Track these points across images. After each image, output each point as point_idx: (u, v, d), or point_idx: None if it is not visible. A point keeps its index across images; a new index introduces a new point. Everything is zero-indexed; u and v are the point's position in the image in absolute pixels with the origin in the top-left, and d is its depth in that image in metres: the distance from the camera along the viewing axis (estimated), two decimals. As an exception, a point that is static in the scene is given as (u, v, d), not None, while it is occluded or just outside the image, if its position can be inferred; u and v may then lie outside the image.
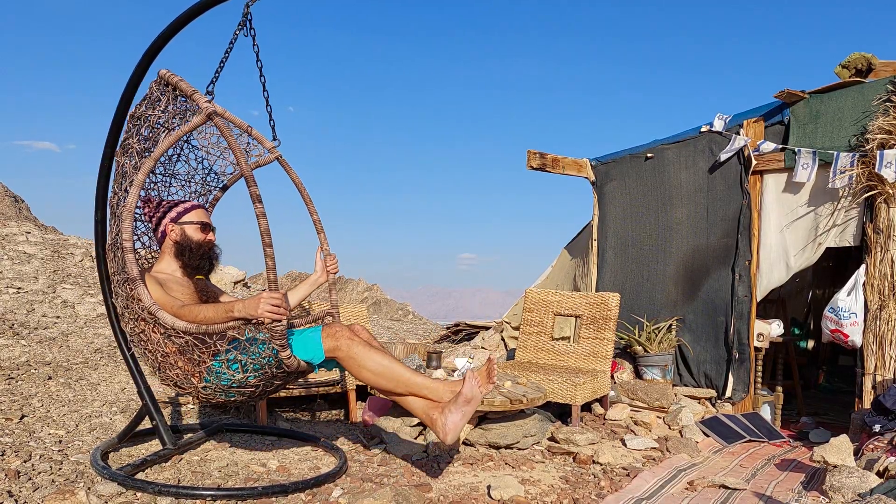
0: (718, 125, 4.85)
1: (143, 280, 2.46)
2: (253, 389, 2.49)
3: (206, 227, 2.79)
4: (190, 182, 3.04)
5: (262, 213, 2.20)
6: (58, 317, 5.37)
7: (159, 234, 2.74)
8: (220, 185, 3.14)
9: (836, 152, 4.19)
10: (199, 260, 2.74)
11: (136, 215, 2.85)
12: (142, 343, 2.53)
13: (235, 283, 8.16)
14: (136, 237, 2.86)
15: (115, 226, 2.56)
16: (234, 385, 2.44)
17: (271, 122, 2.92)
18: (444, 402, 2.47)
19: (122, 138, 2.69)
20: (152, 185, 2.90)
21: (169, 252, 2.73)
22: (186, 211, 2.76)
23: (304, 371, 2.52)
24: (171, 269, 2.72)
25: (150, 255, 2.97)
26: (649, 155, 5.22)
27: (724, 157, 4.73)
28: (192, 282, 2.75)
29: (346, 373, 3.77)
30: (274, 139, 2.97)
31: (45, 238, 8.13)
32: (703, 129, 4.94)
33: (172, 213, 2.73)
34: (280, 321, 2.25)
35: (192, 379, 2.46)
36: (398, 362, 2.53)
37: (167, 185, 2.96)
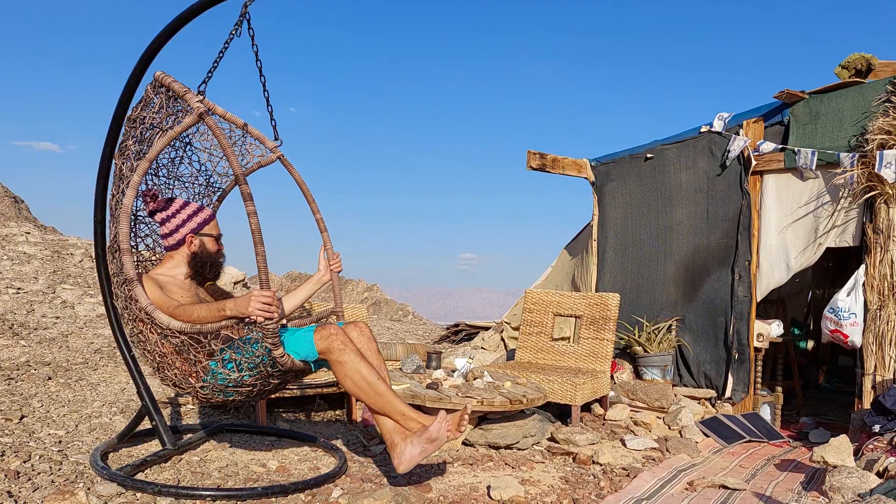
0: (718, 125, 4.85)
1: (140, 281, 2.48)
2: (250, 389, 2.50)
3: (219, 238, 2.83)
4: (193, 184, 3.05)
5: (252, 212, 2.20)
6: (57, 317, 5.37)
7: (175, 241, 2.73)
8: (224, 186, 3.14)
9: (836, 152, 4.20)
10: (212, 270, 2.78)
11: (140, 217, 2.86)
12: (140, 343, 2.54)
13: (235, 283, 8.16)
14: (140, 238, 2.88)
15: (114, 227, 2.58)
16: (230, 385, 2.45)
17: (272, 121, 2.93)
18: (410, 432, 2.48)
19: (119, 140, 2.70)
20: (155, 187, 2.90)
21: (182, 258, 2.73)
22: (206, 222, 2.78)
23: (301, 370, 2.53)
24: (175, 272, 2.72)
25: (154, 257, 2.97)
26: (649, 155, 5.22)
27: (728, 163, 4.73)
28: (195, 286, 2.78)
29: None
30: (276, 139, 2.98)
31: (44, 238, 8.13)
32: (703, 130, 4.94)
33: (193, 224, 2.73)
34: (271, 319, 2.26)
35: (189, 379, 2.47)
36: (382, 381, 2.51)
37: (170, 187, 2.97)
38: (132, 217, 2.75)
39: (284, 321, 3.16)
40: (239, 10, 2.54)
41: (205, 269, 2.75)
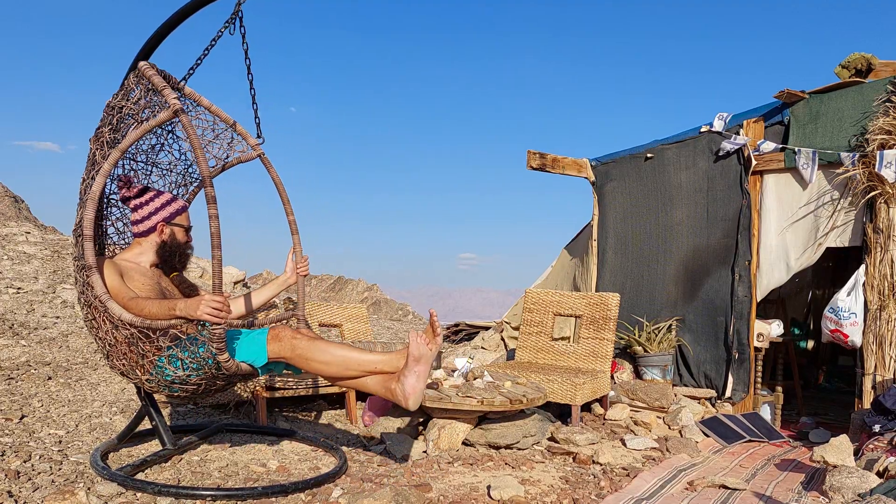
0: (718, 125, 4.85)
1: (100, 267, 2.48)
2: (195, 387, 2.52)
3: (189, 229, 2.86)
4: (171, 172, 3.05)
5: (214, 215, 2.22)
6: (58, 317, 5.36)
7: (146, 228, 2.74)
8: (200, 179, 3.14)
9: (836, 152, 4.20)
10: (180, 260, 2.80)
11: (113, 200, 2.86)
12: (93, 329, 2.56)
13: (235, 283, 8.15)
14: (109, 223, 2.88)
15: (79, 211, 2.57)
16: (176, 381, 2.47)
17: (256, 119, 2.96)
18: (398, 371, 2.48)
19: (97, 126, 2.70)
20: (132, 172, 2.90)
21: (150, 246, 2.75)
22: (178, 213, 2.80)
23: (247, 374, 2.52)
24: (140, 259, 2.73)
25: (124, 243, 2.95)
26: (649, 155, 5.22)
27: (726, 146, 4.70)
28: (159, 274, 2.78)
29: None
30: (258, 136, 2.99)
31: (45, 238, 8.13)
32: (703, 130, 4.94)
33: (165, 213, 2.75)
34: (220, 323, 2.27)
35: (136, 370, 2.50)
36: (346, 346, 2.53)
37: (147, 173, 2.97)
38: (105, 198, 2.78)
39: (253, 318, 3.17)
40: (233, 8, 2.54)
41: (173, 258, 2.77)
